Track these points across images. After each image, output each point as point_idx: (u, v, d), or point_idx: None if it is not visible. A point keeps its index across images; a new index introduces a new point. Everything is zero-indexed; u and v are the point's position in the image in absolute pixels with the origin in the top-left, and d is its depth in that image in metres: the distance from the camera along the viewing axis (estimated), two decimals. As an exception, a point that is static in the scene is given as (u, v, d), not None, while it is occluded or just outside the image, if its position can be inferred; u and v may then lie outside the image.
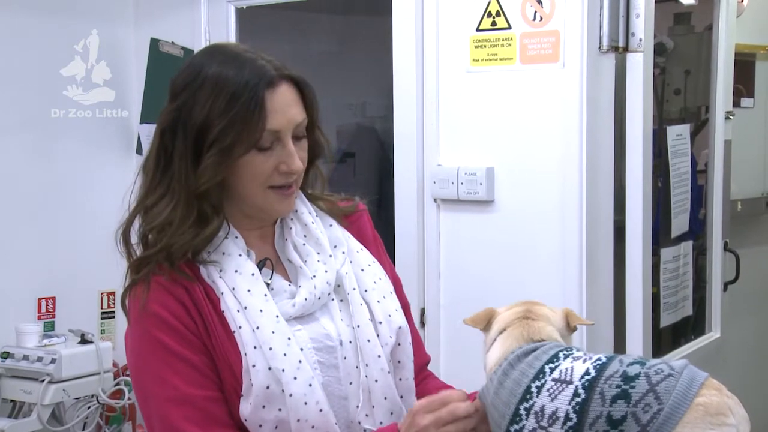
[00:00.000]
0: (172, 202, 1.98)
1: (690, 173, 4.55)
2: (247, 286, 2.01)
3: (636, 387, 1.78)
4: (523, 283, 3.94)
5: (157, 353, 1.96)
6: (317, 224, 2.16)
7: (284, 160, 2.01)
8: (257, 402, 1.94)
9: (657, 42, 4.23)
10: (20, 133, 4.58)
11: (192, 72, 2.01)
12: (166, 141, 1.99)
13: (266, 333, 1.97)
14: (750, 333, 5.31)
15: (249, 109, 1.96)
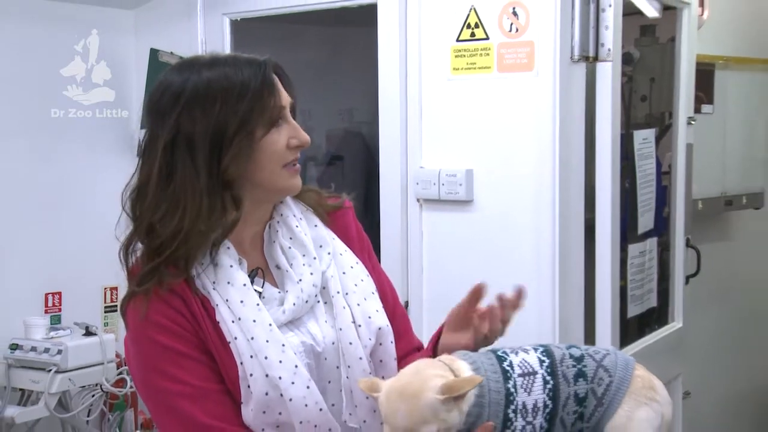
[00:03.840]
0: (179, 212, 1.92)
1: (655, 174, 4.55)
2: (239, 297, 1.95)
3: (587, 365, 1.79)
4: (499, 277, 3.74)
5: (165, 355, 1.91)
6: (301, 227, 2.11)
7: (294, 135, 1.99)
8: (258, 408, 1.90)
9: (624, 52, 4.22)
10: (23, 134, 4.52)
11: (178, 89, 1.94)
12: (167, 158, 1.93)
13: (261, 342, 1.91)
14: (710, 323, 5.31)
15: (262, 90, 1.93)
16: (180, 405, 1.90)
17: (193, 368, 1.91)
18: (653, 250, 4.54)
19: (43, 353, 4.23)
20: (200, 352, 1.93)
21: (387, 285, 2.23)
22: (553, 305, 3.86)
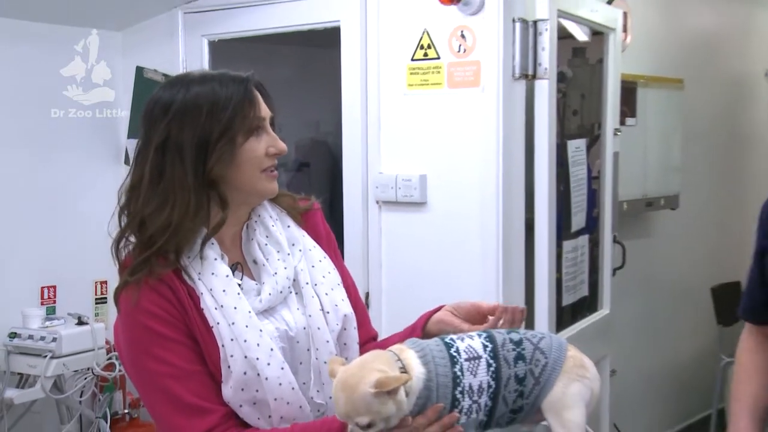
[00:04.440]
0: (167, 207, 1.92)
1: (586, 179, 4.56)
2: (222, 286, 1.95)
3: (525, 348, 1.78)
4: (450, 270, 3.96)
5: (153, 339, 1.90)
6: (277, 227, 2.10)
7: (272, 144, 2.00)
8: (236, 386, 1.89)
9: (559, 71, 4.20)
10: (21, 136, 4.43)
11: (169, 100, 1.95)
12: (158, 159, 1.93)
13: (241, 327, 1.91)
14: (633, 309, 5.34)
15: (243, 102, 1.95)
16: (166, 385, 1.89)
17: (179, 351, 1.90)
18: (585, 246, 4.55)
19: (39, 341, 4.18)
20: (186, 336, 1.91)
21: (349, 281, 2.22)
22: (497, 294, 3.85)
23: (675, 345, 5.95)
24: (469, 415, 1.75)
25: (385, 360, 1.75)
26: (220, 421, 1.89)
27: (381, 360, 1.75)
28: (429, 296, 3.89)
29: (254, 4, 4.36)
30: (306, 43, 4.60)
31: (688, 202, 5.83)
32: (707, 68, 6.10)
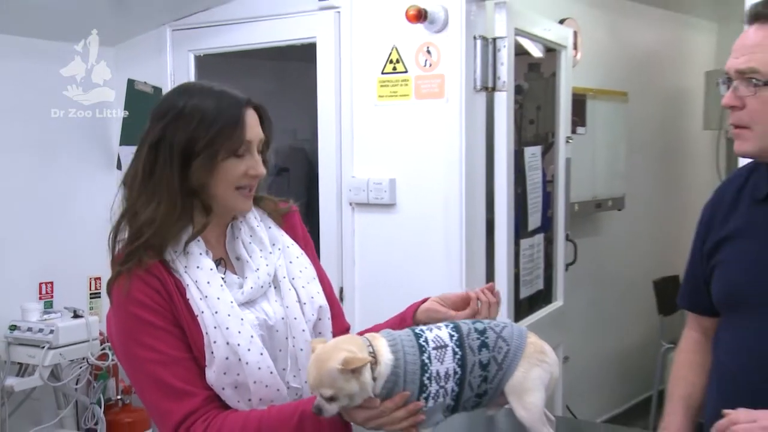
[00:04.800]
0: (154, 204, 1.90)
1: (541, 183, 4.57)
2: (206, 278, 1.92)
3: (489, 337, 1.76)
4: (417, 267, 3.97)
5: (142, 328, 1.87)
6: (261, 227, 2.08)
7: (252, 166, 1.95)
8: (219, 370, 1.86)
9: (516, 84, 4.23)
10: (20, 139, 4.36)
11: (171, 104, 1.94)
12: (151, 157, 1.91)
13: (223, 316, 1.89)
14: (584, 301, 5.32)
15: (231, 123, 1.91)
16: (154, 370, 1.86)
17: (166, 339, 1.87)
18: (540, 244, 4.56)
19: (38, 333, 4.15)
20: (173, 325, 1.88)
21: (324, 278, 2.19)
22: (461, 288, 3.83)
23: (621, 333, 5.95)
24: (436, 399, 1.72)
25: (357, 343, 1.73)
26: (202, 403, 1.86)
27: (353, 343, 1.73)
28: (398, 290, 3.91)
29: (237, 22, 4.33)
30: (285, 57, 4.58)
31: (633, 203, 5.85)
32: (649, 83, 6.12)
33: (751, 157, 1.96)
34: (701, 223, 2.13)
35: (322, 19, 4.08)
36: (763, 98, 1.84)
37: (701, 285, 2.10)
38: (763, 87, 1.83)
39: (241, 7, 4.30)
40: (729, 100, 1.89)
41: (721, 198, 2.09)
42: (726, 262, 2.01)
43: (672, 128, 6.50)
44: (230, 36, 4.38)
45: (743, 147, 1.91)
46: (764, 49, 1.82)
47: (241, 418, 1.85)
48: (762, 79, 1.82)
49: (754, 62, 1.83)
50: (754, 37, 1.85)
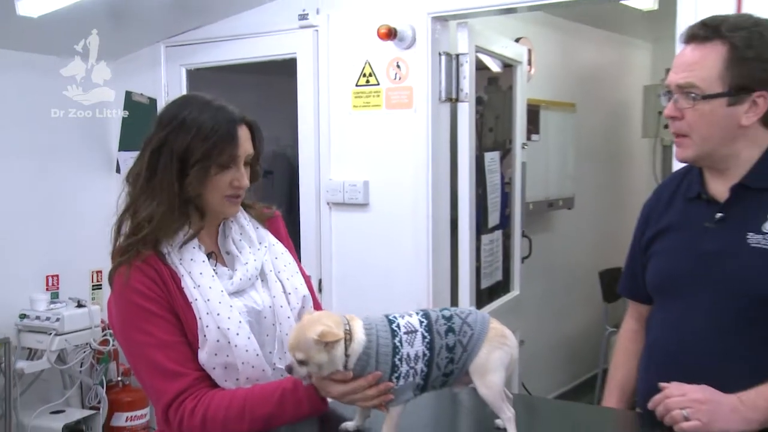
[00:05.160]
0: (154, 203, 1.90)
1: (499, 184, 4.57)
2: (199, 270, 1.93)
3: (455, 322, 1.75)
4: (388, 260, 3.98)
5: (140, 315, 1.87)
6: (250, 227, 2.09)
7: (237, 178, 1.95)
8: (210, 351, 1.87)
9: (477, 96, 4.23)
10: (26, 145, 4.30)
11: (174, 114, 1.93)
12: (153, 160, 1.91)
13: (215, 303, 1.90)
14: (538, 291, 5.33)
15: (226, 140, 1.91)
16: (150, 353, 1.86)
17: (161, 325, 1.87)
18: (499, 240, 4.55)
19: (45, 321, 4.14)
20: (168, 312, 1.88)
21: (304, 275, 2.17)
22: (427, 280, 3.89)
23: (570, 319, 5.97)
24: (406, 379, 1.72)
25: (335, 321, 1.73)
26: (193, 383, 1.86)
27: (332, 319, 1.73)
28: (371, 281, 3.92)
29: (225, 39, 4.32)
30: (268, 71, 4.55)
31: (581, 203, 5.86)
32: (594, 95, 6.13)
33: (691, 162, 1.97)
34: (640, 219, 2.15)
35: (302, 37, 4.07)
36: (701, 110, 1.85)
37: (639, 275, 2.11)
38: (701, 100, 1.84)
39: (229, 25, 4.28)
40: (670, 112, 1.90)
41: (658, 197, 2.11)
42: (660, 252, 2.03)
43: (614, 136, 6.53)
44: (218, 52, 4.36)
45: (684, 154, 1.93)
46: (701, 66, 1.84)
47: (227, 395, 1.85)
48: (700, 93, 1.84)
49: (692, 78, 1.84)
50: (692, 56, 1.86)
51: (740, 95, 1.83)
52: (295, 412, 1.81)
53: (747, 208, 1.88)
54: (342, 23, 3.98)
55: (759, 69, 1.83)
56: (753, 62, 1.82)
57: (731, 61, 1.82)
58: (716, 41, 1.84)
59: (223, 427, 1.82)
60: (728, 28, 1.83)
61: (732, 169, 1.91)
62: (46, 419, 4.14)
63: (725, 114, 1.85)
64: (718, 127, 1.86)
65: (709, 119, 1.86)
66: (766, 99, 1.84)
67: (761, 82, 1.84)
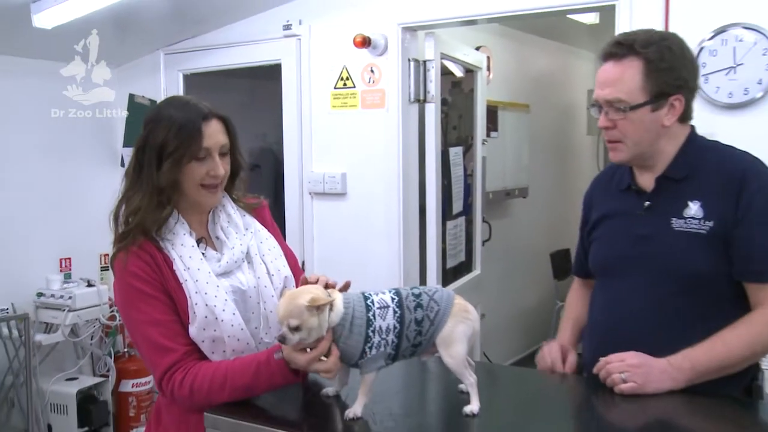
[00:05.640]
0: (141, 195, 1.88)
1: (462, 176, 4.53)
2: (189, 253, 1.90)
3: (423, 299, 1.72)
4: (364, 243, 3.96)
5: (137, 295, 1.84)
6: (237, 215, 2.04)
7: (213, 168, 1.90)
8: (199, 326, 1.84)
9: (442, 98, 4.19)
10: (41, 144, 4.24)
11: (154, 114, 1.91)
12: (140, 157, 1.89)
13: (203, 283, 1.87)
14: (497, 270, 5.29)
15: (192, 134, 1.86)
16: (145, 329, 1.85)
17: (155, 305, 1.85)
18: (462, 225, 4.52)
19: (59, 298, 4.11)
20: (161, 293, 1.85)
21: (290, 254, 2.14)
22: (399, 260, 3.88)
23: (525, 294, 5.97)
24: (378, 349, 1.69)
25: (321, 291, 1.72)
26: (182, 357, 1.83)
27: (318, 290, 1.71)
28: (349, 262, 3.90)
29: (218, 47, 4.27)
30: (256, 76, 4.52)
31: (534, 192, 5.86)
32: (545, 98, 6.13)
33: (625, 163, 1.99)
34: (583, 208, 2.18)
35: (286, 45, 4.03)
36: (631, 119, 1.87)
37: (585, 257, 2.14)
38: (630, 111, 1.87)
39: (221, 35, 4.23)
40: (603, 123, 1.92)
41: (595, 187, 2.15)
42: (600, 238, 2.05)
43: (563, 133, 6.53)
44: (212, 58, 4.30)
45: (618, 157, 1.95)
46: (624, 81, 1.86)
47: (212, 366, 1.82)
48: (627, 105, 1.86)
49: (618, 93, 1.86)
50: (613, 72, 1.88)
51: (660, 101, 1.88)
52: (269, 382, 1.78)
53: (670, 196, 1.92)
54: (322, 33, 3.94)
55: (672, 77, 1.86)
56: (667, 72, 1.86)
57: (648, 73, 1.85)
58: (632, 57, 1.86)
59: (207, 395, 1.79)
60: (641, 45, 1.86)
61: (657, 164, 1.95)
62: (61, 385, 4.11)
63: (651, 119, 1.88)
64: (646, 131, 1.89)
65: (639, 126, 1.88)
66: (681, 101, 1.89)
67: (675, 87, 1.87)
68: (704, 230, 1.85)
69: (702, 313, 1.85)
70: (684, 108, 1.89)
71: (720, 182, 1.86)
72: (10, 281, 4.09)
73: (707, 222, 1.85)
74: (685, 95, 1.89)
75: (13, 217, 4.12)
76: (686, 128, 1.95)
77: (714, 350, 1.81)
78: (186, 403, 1.82)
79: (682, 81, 1.87)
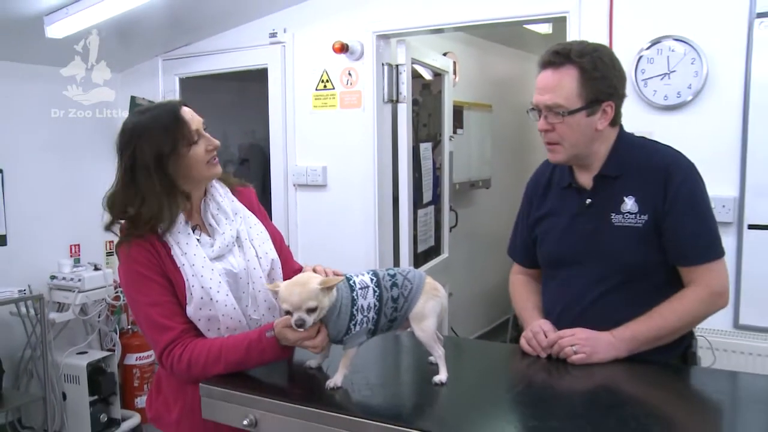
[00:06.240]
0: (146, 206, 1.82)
1: (432, 169, 4.52)
2: (185, 240, 1.87)
3: (398, 279, 1.72)
4: (343, 230, 3.94)
5: (138, 279, 1.83)
6: (225, 201, 2.01)
7: (209, 142, 1.89)
8: (196, 306, 1.82)
9: (413, 98, 4.18)
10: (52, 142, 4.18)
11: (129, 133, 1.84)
12: (130, 175, 1.83)
13: (198, 267, 1.85)
14: (463, 253, 5.29)
15: (177, 125, 1.84)
16: (146, 309, 1.83)
17: (155, 288, 1.83)
18: (431, 213, 4.52)
19: (70, 281, 4.08)
20: (161, 276, 1.84)
21: (277, 232, 2.13)
22: (374, 245, 3.86)
23: (487, 275, 5.96)
24: (361, 326, 1.69)
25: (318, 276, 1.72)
26: (180, 334, 1.82)
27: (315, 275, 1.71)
28: (330, 247, 3.89)
29: (210, 53, 4.23)
30: (245, 79, 4.47)
31: (496, 183, 5.85)
32: (506, 98, 6.12)
33: (563, 163, 1.98)
34: (525, 198, 2.15)
35: (272, 51, 4.00)
36: (568, 123, 1.86)
37: (530, 247, 2.11)
38: (568, 115, 1.85)
39: (213, 42, 4.19)
40: (543, 126, 1.90)
41: (538, 180, 2.11)
42: (544, 234, 2.04)
43: (522, 130, 6.51)
44: (205, 63, 4.26)
45: (557, 157, 1.94)
46: (562, 88, 1.84)
47: (207, 343, 1.81)
48: (565, 110, 1.85)
49: (557, 99, 1.85)
50: (552, 79, 1.85)
51: (594, 107, 1.87)
52: (260, 358, 1.78)
53: (608, 193, 1.92)
54: (304, 40, 3.92)
55: (605, 85, 1.85)
56: (600, 81, 1.85)
57: (584, 82, 1.84)
58: (568, 66, 1.84)
59: (204, 369, 1.78)
60: (576, 55, 1.84)
61: (594, 163, 1.94)
62: (73, 359, 4.08)
63: (586, 123, 1.87)
64: (582, 134, 1.88)
65: (575, 129, 1.87)
66: (612, 107, 1.87)
67: (607, 94, 1.86)
68: (640, 224, 1.86)
69: (642, 297, 1.87)
70: (614, 113, 1.88)
71: (649, 177, 1.87)
72: (26, 266, 4.06)
73: (642, 216, 1.86)
74: (615, 102, 1.88)
75: (27, 209, 4.08)
76: (616, 130, 1.94)
77: (652, 322, 1.84)
78: (184, 376, 1.82)
79: (612, 89, 1.86)
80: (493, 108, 5.79)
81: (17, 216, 4.03)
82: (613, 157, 1.92)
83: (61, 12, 3.34)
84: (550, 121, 1.87)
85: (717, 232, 1.88)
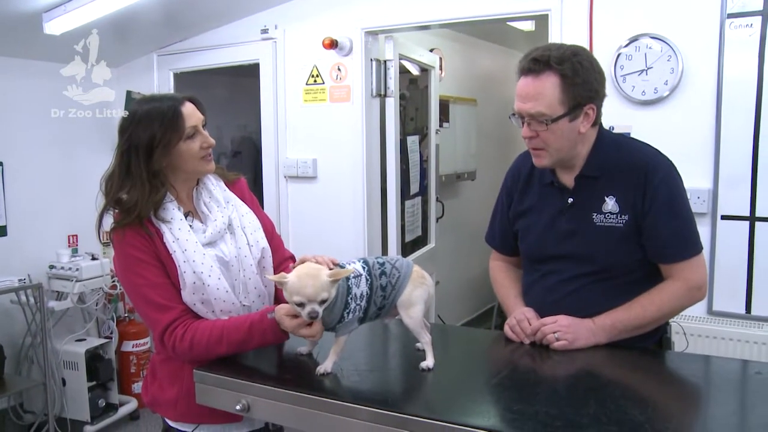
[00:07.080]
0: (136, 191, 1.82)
1: (419, 161, 4.51)
2: (178, 226, 1.85)
3: (386, 267, 1.72)
4: (333, 221, 3.94)
5: (134, 262, 1.81)
6: (217, 190, 2.00)
7: (204, 140, 1.87)
8: (189, 291, 1.81)
9: (401, 93, 4.18)
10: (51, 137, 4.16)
11: (129, 121, 1.84)
12: (125, 158, 1.83)
13: (191, 252, 1.83)
14: (449, 243, 5.29)
15: (174, 119, 1.82)
16: (144, 291, 1.82)
17: (151, 270, 1.82)
18: (418, 204, 4.51)
19: (68, 270, 4.05)
20: (156, 260, 1.83)
21: (268, 221, 2.11)
22: (363, 235, 3.86)
23: (473, 264, 5.96)
24: (354, 313, 1.68)
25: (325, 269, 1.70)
26: (180, 314, 1.82)
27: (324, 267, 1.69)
28: (320, 237, 3.88)
29: (204, 49, 4.20)
30: (237, 74, 4.44)
31: (481, 175, 5.84)
32: (490, 93, 6.11)
33: (548, 168, 1.94)
34: (503, 189, 2.12)
35: (264, 47, 3.97)
36: (552, 129, 1.82)
37: (509, 238, 2.09)
38: (552, 123, 1.81)
39: (207, 38, 4.16)
40: (527, 133, 1.85)
41: (518, 172, 2.07)
42: (525, 230, 2.01)
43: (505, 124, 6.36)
44: (199, 59, 4.23)
45: (542, 162, 1.90)
46: (544, 96, 1.79)
47: (210, 324, 1.81)
48: (549, 117, 1.80)
49: (539, 107, 1.79)
50: (534, 87, 1.80)
51: (576, 111, 1.82)
52: (261, 339, 1.77)
53: (589, 193, 1.89)
54: (295, 36, 3.89)
55: (585, 90, 1.80)
56: (581, 86, 1.80)
57: (565, 88, 1.79)
58: (548, 72, 1.78)
59: (206, 349, 1.78)
60: (555, 62, 1.78)
61: (576, 164, 1.91)
62: (72, 345, 4.07)
63: (569, 128, 1.83)
64: (566, 139, 1.84)
65: (559, 135, 1.83)
66: (593, 109, 1.83)
67: (588, 98, 1.81)
68: (621, 224, 1.84)
69: (621, 290, 1.87)
70: (596, 114, 1.85)
71: (628, 177, 1.85)
72: (26, 255, 4.03)
73: (623, 216, 1.84)
74: (596, 104, 1.84)
75: (27, 201, 4.06)
76: (596, 130, 1.91)
77: (632, 312, 1.84)
78: (186, 356, 1.80)
79: (593, 92, 1.82)
80: (477, 102, 5.78)
81: (17, 208, 4.01)
82: (594, 157, 1.89)
83: (59, 9, 3.30)
84: (533, 128, 1.83)
85: (695, 228, 1.88)
